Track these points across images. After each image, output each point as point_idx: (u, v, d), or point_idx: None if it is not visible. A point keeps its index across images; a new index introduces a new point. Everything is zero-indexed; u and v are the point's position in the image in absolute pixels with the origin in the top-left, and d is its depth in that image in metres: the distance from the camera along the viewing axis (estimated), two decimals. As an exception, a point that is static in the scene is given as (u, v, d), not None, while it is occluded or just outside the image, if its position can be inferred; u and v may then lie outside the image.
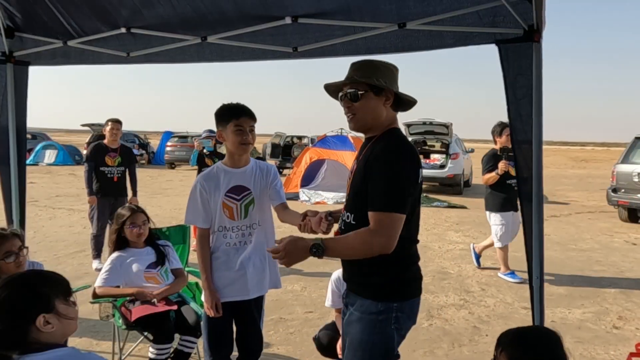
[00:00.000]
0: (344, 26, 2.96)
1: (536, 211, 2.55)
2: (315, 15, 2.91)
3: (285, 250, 1.85)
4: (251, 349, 2.76)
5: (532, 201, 2.55)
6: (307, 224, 2.28)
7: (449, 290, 5.36)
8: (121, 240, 3.36)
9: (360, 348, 1.95)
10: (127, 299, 3.18)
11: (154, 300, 3.14)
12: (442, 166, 14.20)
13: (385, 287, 1.95)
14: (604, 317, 4.61)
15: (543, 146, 2.56)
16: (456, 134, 15.11)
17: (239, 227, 2.61)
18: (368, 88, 1.96)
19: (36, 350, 1.47)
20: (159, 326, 3.04)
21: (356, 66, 2.02)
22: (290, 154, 20.16)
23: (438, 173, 13.98)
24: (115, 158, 5.91)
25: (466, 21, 2.63)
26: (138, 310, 3.05)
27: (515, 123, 2.56)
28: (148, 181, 16.11)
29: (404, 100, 2.04)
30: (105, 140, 5.97)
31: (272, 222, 2.76)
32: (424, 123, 14.58)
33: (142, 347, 3.50)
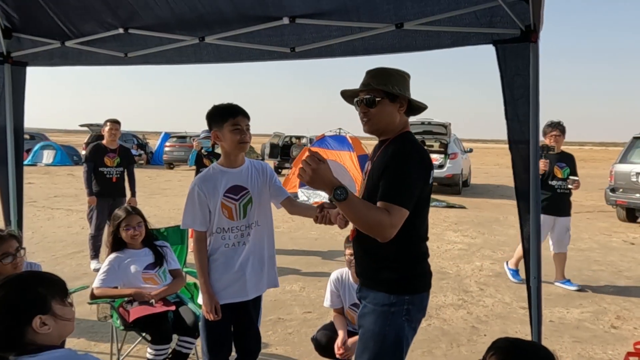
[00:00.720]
0: (341, 26, 2.97)
1: (533, 211, 2.56)
2: (313, 15, 2.92)
3: (315, 171, 1.82)
4: (249, 349, 2.75)
5: (530, 201, 2.56)
6: (326, 215, 2.30)
7: (447, 290, 5.37)
8: (118, 242, 3.36)
9: (372, 339, 2.04)
10: (125, 299, 3.18)
11: (152, 300, 3.14)
12: (441, 166, 14.18)
13: (397, 281, 2.04)
14: (602, 317, 4.62)
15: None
16: (455, 134, 15.14)
17: (238, 228, 2.59)
18: (384, 95, 2.05)
19: (32, 352, 1.46)
20: (157, 327, 3.04)
21: (372, 74, 2.10)
22: (289, 154, 20.15)
23: (437, 173, 13.92)
24: (114, 159, 5.90)
25: (463, 21, 2.64)
26: (136, 311, 3.05)
27: (512, 123, 2.57)
28: (147, 181, 16.09)
29: (415, 106, 2.14)
30: (104, 141, 5.96)
31: (272, 222, 2.74)
32: (423, 123, 14.59)
33: (140, 348, 3.49)
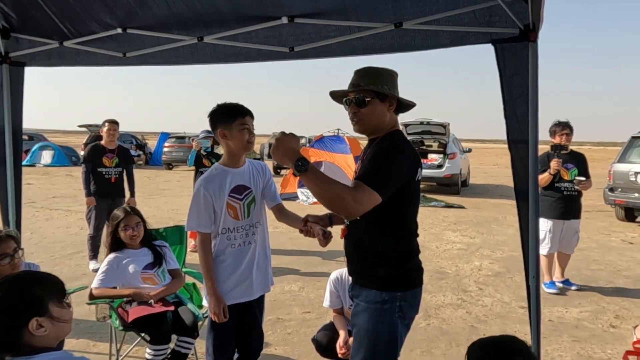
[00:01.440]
0: (340, 26, 2.96)
1: (532, 210, 2.56)
2: (312, 15, 2.91)
3: (279, 140, 1.90)
4: (253, 348, 2.75)
5: (528, 200, 2.56)
6: (310, 230, 2.28)
7: (446, 290, 5.37)
8: (117, 242, 3.35)
9: (367, 337, 2.05)
10: (124, 300, 3.17)
11: (151, 301, 3.13)
12: (440, 166, 14.20)
13: (389, 278, 2.04)
14: (601, 316, 4.62)
15: (541, 145, 2.57)
16: (453, 134, 15.15)
17: (243, 227, 2.59)
18: (374, 95, 2.05)
19: (28, 354, 1.45)
20: (156, 327, 3.03)
21: (361, 74, 2.09)
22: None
23: (436, 173, 13.98)
24: (112, 159, 5.89)
25: (462, 21, 2.64)
26: (135, 311, 3.05)
27: (511, 122, 2.57)
28: (145, 182, 16.08)
29: (404, 104, 2.15)
30: (102, 142, 5.95)
31: (267, 221, 2.75)
32: (422, 123, 14.60)
33: (139, 349, 3.49)
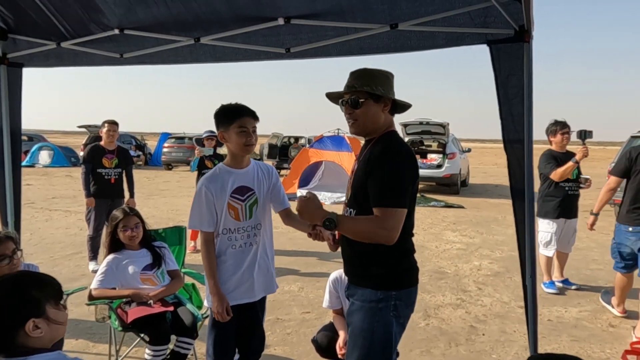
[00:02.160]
0: (336, 27, 2.98)
1: (528, 210, 2.58)
2: (308, 16, 2.93)
3: (305, 205, 2.07)
4: (254, 349, 2.76)
5: (524, 200, 2.58)
6: (319, 234, 2.29)
7: (445, 289, 5.38)
8: (116, 243, 3.37)
9: (362, 336, 2.07)
10: (123, 300, 3.19)
11: (150, 301, 3.15)
12: (439, 166, 14.21)
13: (384, 277, 2.08)
14: (600, 316, 4.64)
15: (539, 145, 2.59)
16: (453, 134, 15.16)
17: (245, 229, 2.59)
18: (368, 96, 2.09)
19: (22, 355, 1.45)
20: (156, 327, 3.05)
21: (355, 75, 2.13)
22: (288, 154, 20.14)
23: (435, 173, 13.99)
24: (112, 160, 5.90)
25: (457, 22, 2.66)
26: (134, 312, 3.06)
27: (506, 123, 2.59)
28: (145, 182, 16.09)
29: (399, 105, 2.18)
30: (102, 142, 5.96)
31: (271, 223, 2.76)
32: (421, 123, 14.59)
33: (139, 349, 3.50)
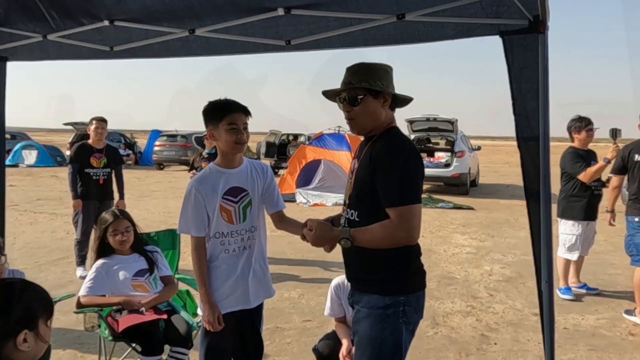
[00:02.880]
0: (339, 17, 2.97)
1: (544, 211, 2.57)
2: (310, 6, 2.91)
3: (317, 235, 2.11)
4: (251, 359, 2.75)
5: (540, 200, 2.57)
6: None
7: (455, 296, 5.37)
8: (105, 247, 3.36)
9: (370, 345, 2.05)
10: (114, 308, 3.18)
11: (142, 309, 3.14)
12: (447, 165, 14.15)
13: (391, 282, 2.07)
14: (619, 324, 4.63)
15: (552, 142, 2.59)
16: (462, 131, 15.07)
17: (238, 232, 2.56)
18: (366, 92, 2.08)
19: None
20: (148, 337, 3.04)
21: (352, 71, 2.13)
22: (286, 153, 20.14)
23: (443, 172, 13.91)
24: (100, 159, 5.89)
25: (468, 12, 2.64)
26: (125, 320, 3.06)
27: (520, 119, 2.58)
28: (135, 183, 16.08)
29: (400, 99, 2.18)
30: (89, 140, 5.94)
31: (265, 224, 2.74)
32: (428, 119, 14.53)
33: (130, 360, 3.50)
